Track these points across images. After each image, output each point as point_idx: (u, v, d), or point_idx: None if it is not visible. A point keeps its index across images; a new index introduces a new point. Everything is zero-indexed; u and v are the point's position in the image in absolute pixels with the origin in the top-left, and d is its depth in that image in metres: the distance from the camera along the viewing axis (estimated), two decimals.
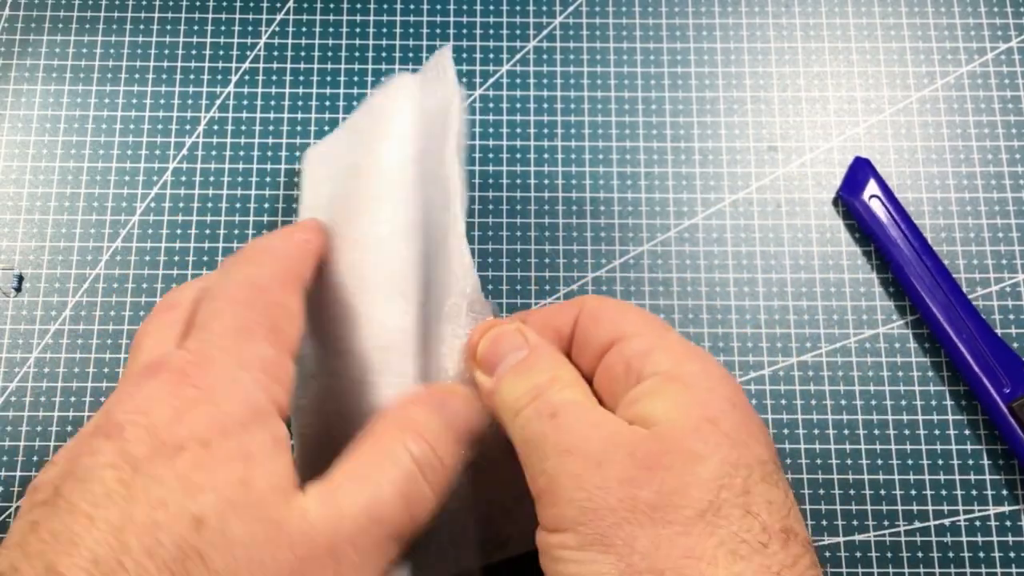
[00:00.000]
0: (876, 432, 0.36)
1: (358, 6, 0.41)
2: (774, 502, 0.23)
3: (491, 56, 0.41)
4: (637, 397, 0.25)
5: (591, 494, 0.23)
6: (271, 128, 0.40)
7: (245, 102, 0.40)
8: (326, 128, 0.40)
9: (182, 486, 0.21)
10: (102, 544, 0.20)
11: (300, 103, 0.40)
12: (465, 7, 0.41)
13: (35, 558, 0.20)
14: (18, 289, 0.38)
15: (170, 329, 0.26)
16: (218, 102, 0.40)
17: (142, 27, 0.41)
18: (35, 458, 0.36)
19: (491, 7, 0.41)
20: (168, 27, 0.41)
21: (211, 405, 0.23)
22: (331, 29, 0.41)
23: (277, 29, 0.41)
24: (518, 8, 0.41)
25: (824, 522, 0.35)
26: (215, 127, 0.40)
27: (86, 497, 0.21)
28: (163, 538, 0.20)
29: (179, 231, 0.39)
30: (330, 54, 0.41)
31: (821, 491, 0.36)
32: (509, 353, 0.27)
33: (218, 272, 0.28)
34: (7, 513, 0.36)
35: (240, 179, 0.39)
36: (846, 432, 0.36)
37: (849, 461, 0.36)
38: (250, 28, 0.41)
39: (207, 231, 0.39)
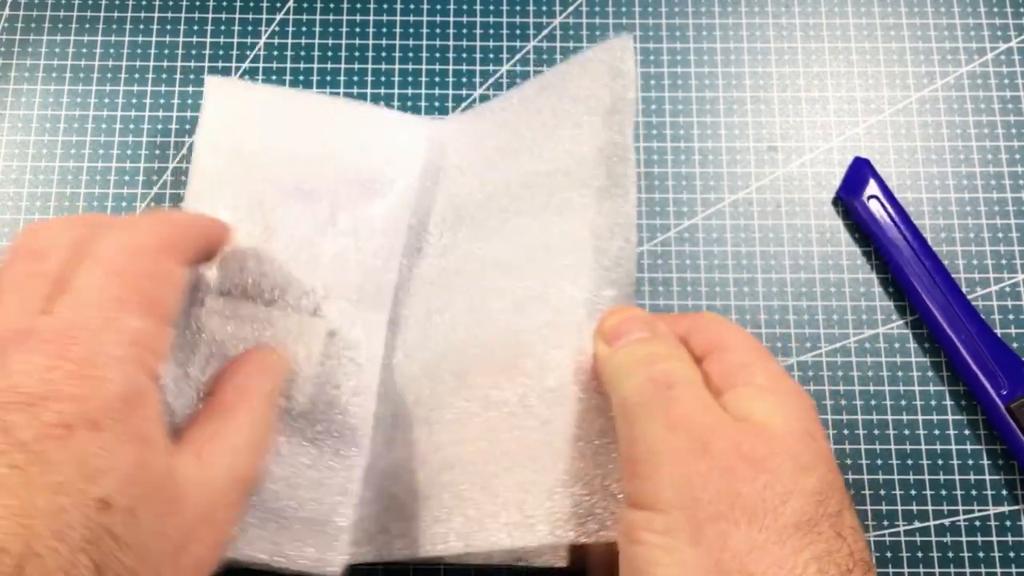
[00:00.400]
0: (876, 432, 0.36)
1: (358, 6, 0.41)
2: (857, 530, 0.24)
3: (491, 56, 0.41)
4: (735, 398, 0.26)
5: (692, 477, 0.23)
6: None
7: None
8: None
9: (80, 470, 0.21)
10: (8, 533, 0.19)
11: None
12: (465, 7, 0.41)
13: None
14: None
15: (37, 285, 0.24)
16: None
17: (142, 27, 0.41)
18: None
19: (491, 7, 0.41)
20: (168, 27, 0.41)
21: (91, 381, 0.22)
22: (331, 29, 0.41)
23: (277, 29, 0.41)
24: (518, 8, 0.41)
25: None
26: None
27: None
28: (71, 521, 0.20)
29: None
30: (330, 54, 0.41)
31: None
32: (635, 332, 0.28)
33: (92, 226, 0.26)
34: None
35: None
36: (846, 432, 0.36)
37: (849, 461, 0.36)
38: (250, 28, 0.41)
39: None
